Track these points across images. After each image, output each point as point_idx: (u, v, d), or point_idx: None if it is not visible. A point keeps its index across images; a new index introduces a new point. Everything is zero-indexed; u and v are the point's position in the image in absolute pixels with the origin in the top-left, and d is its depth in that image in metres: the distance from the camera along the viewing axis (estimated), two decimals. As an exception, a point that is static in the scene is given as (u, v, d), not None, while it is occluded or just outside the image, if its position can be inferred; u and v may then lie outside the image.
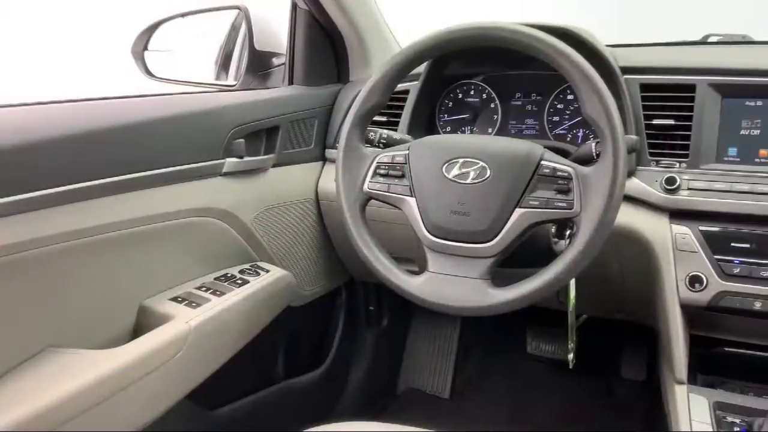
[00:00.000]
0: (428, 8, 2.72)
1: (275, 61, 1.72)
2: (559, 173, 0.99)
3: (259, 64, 1.70)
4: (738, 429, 1.10)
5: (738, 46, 1.53)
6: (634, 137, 1.09)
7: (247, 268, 1.38)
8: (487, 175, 1.02)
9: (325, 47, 1.67)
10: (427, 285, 1.04)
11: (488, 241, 1.02)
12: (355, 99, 1.13)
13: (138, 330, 1.18)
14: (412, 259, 1.46)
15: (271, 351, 1.71)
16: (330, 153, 1.62)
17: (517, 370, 2.09)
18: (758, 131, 1.20)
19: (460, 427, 1.92)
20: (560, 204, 0.98)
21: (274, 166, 1.48)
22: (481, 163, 1.03)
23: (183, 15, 1.71)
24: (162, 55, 1.72)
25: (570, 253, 0.98)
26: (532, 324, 2.08)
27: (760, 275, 1.14)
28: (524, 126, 1.47)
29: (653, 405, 1.29)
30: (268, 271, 1.39)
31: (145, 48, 1.68)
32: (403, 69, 1.08)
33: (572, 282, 1.27)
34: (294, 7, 1.62)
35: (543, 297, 1.00)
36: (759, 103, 1.20)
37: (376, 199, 1.10)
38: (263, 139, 1.45)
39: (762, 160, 1.19)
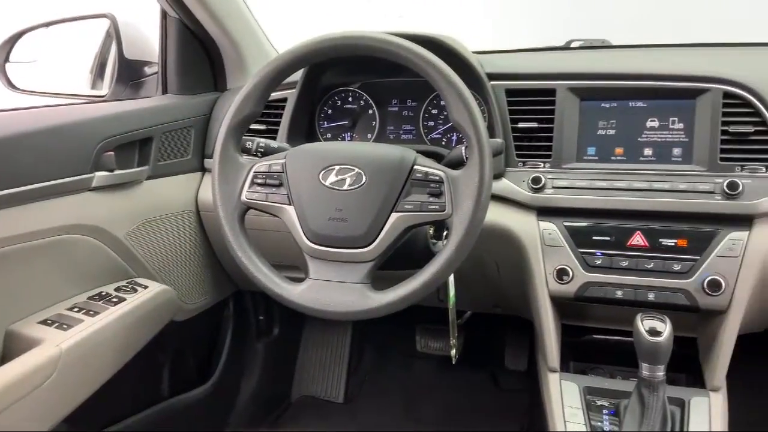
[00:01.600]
0: (307, 14, 2.73)
1: (148, 70, 1.67)
2: (431, 177, 1.03)
3: (131, 74, 1.64)
4: (606, 411, 1.18)
5: (598, 50, 1.63)
6: (499, 141, 1.15)
7: (123, 286, 1.33)
8: (363, 181, 1.04)
9: (199, 55, 1.64)
10: (308, 292, 1.05)
11: (366, 246, 1.04)
12: (231, 108, 1.12)
13: (5, 357, 1.11)
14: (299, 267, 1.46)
15: (155, 368, 1.65)
16: (208, 163, 1.59)
17: (408, 369, 2.13)
18: (614, 131, 1.29)
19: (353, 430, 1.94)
20: (433, 207, 1.02)
21: (149, 178, 1.43)
22: (357, 170, 1.05)
23: (47, 24, 1.62)
24: (27, 67, 1.63)
25: (444, 253, 1.01)
26: (421, 323, 2.13)
27: (620, 266, 1.23)
28: (402, 131, 1.50)
29: (534, 392, 1.36)
30: (146, 287, 1.35)
31: (7, 59, 1.59)
32: (275, 78, 1.08)
33: (451, 280, 1.31)
34: (164, 15, 1.58)
35: (422, 297, 1.03)
36: (614, 104, 1.29)
37: (255, 209, 1.10)
38: (136, 150, 1.41)
39: (618, 158, 1.28)
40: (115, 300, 1.26)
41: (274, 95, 1.08)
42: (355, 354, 2.18)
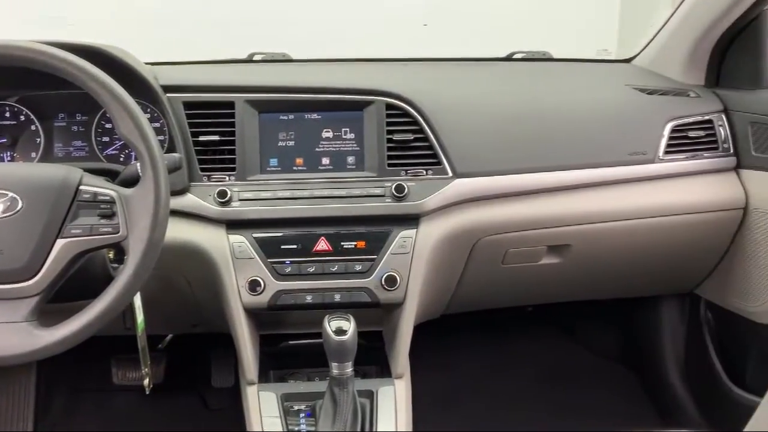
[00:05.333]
0: None
1: None
2: (101, 197, 0.96)
3: None
4: (303, 414, 1.21)
5: (278, 64, 1.67)
6: (176, 155, 1.11)
7: None
8: (19, 206, 0.94)
9: None
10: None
11: (29, 279, 0.94)
12: None
13: None
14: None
15: None
16: None
17: (105, 405, 1.97)
18: (293, 142, 1.33)
19: None
20: (105, 229, 0.96)
21: None
22: (11, 194, 0.94)
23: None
24: None
25: (121, 279, 0.95)
26: (117, 353, 1.98)
27: (308, 271, 1.27)
28: (73, 148, 1.38)
29: (240, 408, 1.35)
30: None
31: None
32: None
33: (138, 305, 1.24)
34: None
35: (100, 327, 0.96)
36: (291, 117, 1.33)
37: None
38: None
39: (299, 168, 1.33)
40: None
41: None
42: (42, 399, 1.94)
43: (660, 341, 1.83)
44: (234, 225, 1.28)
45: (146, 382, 1.32)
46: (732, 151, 1.48)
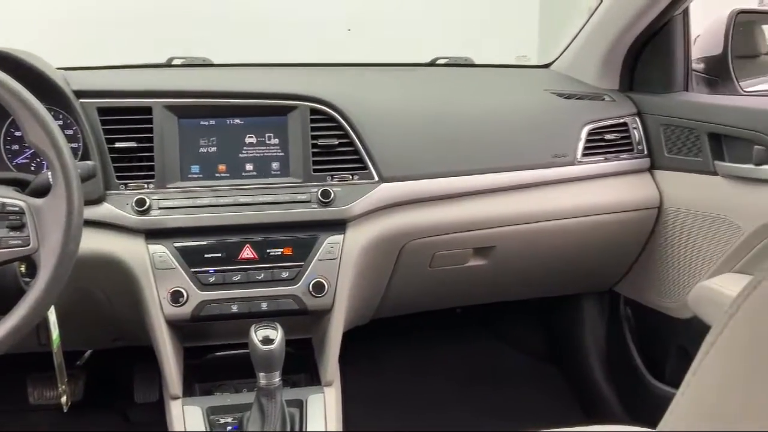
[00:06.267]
0: None
1: None
2: (9, 208, 0.91)
3: None
4: (230, 427, 1.18)
5: (199, 68, 1.63)
6: (89, 163, 1.07)
7: None
8: None
9: None
10: None
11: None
12: None
13: None
14: None
15: None
16: None
17: (23, 425, 1.87)
18: (215, 148, 1.30)
19: None
20: (15, 242, 0.91)
21: None
22: None
23: None
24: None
25: (32, 293, 0.91)
26: (33, 371, 1.88)
27: (233, 280, 1.24)
28: (-22, 157, 1.30)
29: (164, 423, 1.30)
30: None
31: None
32: None
33: (53, 320, 1.18)
34: None
35: (12, 345, 0.91)
36: (212, 122, 1.30)
37: None
38: None
39: (222, 175, 1.30)
40: None
41: None
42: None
43: (582, 339, 1.88)
44: (154, 234, 1.23)
45: (64, 399, 1.26)
46: (646, 152, 1.54)
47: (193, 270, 1.23)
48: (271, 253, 1.26)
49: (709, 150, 1.40)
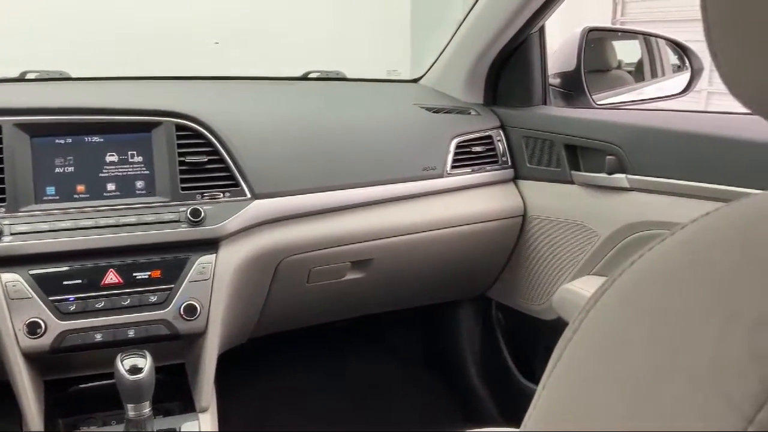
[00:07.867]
0: None
1: None
2: None
3: None
4: None
5: (55, 83, 1.53)
6: None
7: None
8: None
9: None
10: None
11: None
12: None
13: None
14: None
15: None
16: None
17: None
18: (73, 168, 1.22)
19: None
20: None
21: None
22: None
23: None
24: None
25: None
26: None
27: (96, 307, 1.17)
28: None
29: None
30: None
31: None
32: None
33: None
34: None
35: None
36: (69, 140, 1.23)
37: None
38: None
39: (81, 196, 1.22)
40: None
41: None
42: None
43: (460, 344, 1.93)
44: (6, 262, 1.14)
45: None
46: (510, 163, 1.61)
47: (51, 298, 1.15)
48: (138, 277, 1.20)
49: (566, 160, 1.48)
